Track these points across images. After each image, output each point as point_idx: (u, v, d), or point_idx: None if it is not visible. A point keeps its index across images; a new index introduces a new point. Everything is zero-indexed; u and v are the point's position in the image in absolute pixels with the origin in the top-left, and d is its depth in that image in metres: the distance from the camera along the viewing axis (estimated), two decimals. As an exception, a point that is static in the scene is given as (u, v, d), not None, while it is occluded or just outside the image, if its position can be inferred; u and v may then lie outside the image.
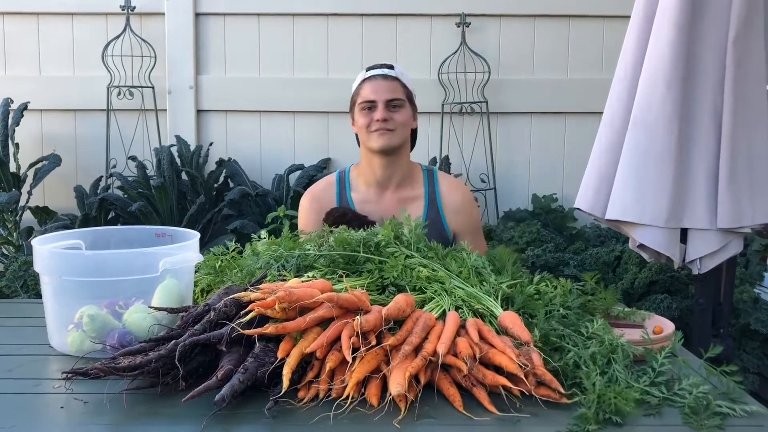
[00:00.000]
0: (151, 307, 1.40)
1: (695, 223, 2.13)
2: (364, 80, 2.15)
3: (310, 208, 2.21)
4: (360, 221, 2.00)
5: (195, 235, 1.60)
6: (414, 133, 2.25)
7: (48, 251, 1.48)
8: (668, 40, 2.06)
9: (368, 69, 2.18)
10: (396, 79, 2.14)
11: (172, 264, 1.45)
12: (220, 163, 3.57)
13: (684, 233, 2.18)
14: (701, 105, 2.11)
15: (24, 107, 3.39)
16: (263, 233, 1.77)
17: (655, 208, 2.09)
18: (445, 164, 3.52)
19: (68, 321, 1.45)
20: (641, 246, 2.19)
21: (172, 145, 3.46)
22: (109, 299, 1.44)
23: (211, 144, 3.60)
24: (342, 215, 2.05)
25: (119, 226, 2.01)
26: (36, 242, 1.52)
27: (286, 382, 1.14)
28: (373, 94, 2.10)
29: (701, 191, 2.12)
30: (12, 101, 3.43)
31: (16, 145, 3.42)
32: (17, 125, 3.38)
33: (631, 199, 2.11)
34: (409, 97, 2.16)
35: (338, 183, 2.22)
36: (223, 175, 3.54)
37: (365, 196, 2.19)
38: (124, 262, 1.45)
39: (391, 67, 2.17)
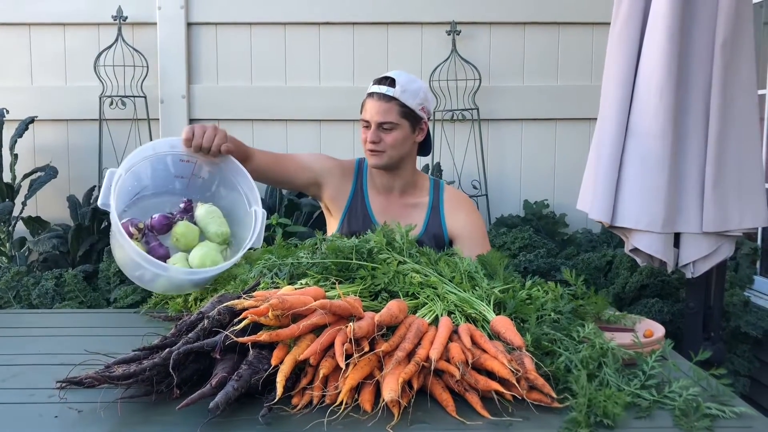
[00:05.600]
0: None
1: (688, 228, 2.15)
2: (367, 94, 2.17)
3: (330, 160, 2.28)
4: None
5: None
6: (426, 141, 2.26)
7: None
8: (660, 48, 2.07)
9: (375, 81, 2.17)
10: (393, 99, 2.11)
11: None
12: (213, 171, 3.57)
13: (677, 237, 2.20)
14: (693, 112, 2.13)
15: (30, 120, 3.40)
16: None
17: (652, 214, 2.10)
18: (437, 171, 3.53)
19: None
20: (634, 250, 2.21)
21: (164, 155, 3.46)
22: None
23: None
24: None
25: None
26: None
27: (280, 389, 1.15)
28: (368, 114, 2.14)
29: (694, 196, 2.14)
30: (8, 111, 3.43)
31: (15, 156, 3.41)
32: (20, 137, 3.37)
33: (630, 206, 2.12)
34: (408, 114, 2.13)
35: (357, 168, 2.29)
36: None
37: (377, 189, 2.26)
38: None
39: (393, 82, 2.12)
